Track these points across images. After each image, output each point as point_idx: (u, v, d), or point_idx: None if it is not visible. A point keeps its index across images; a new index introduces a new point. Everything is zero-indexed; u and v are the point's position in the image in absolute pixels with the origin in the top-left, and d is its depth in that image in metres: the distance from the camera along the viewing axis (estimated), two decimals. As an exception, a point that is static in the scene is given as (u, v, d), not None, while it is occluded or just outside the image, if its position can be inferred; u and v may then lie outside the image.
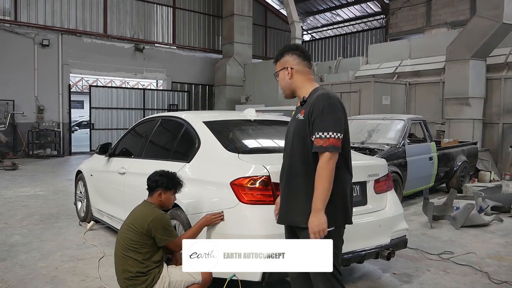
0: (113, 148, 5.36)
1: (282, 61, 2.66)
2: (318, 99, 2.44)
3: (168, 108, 18.74)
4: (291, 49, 2.66)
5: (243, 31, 18.98)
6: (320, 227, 2.34)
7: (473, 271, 4.31)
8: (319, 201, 2.35)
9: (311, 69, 2.68)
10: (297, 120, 2.53)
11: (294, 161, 2.52)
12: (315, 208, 2.36)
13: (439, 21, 18.42)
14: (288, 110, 8.74)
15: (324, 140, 2.35)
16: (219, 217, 3.22)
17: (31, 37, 15.47)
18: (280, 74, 2.67)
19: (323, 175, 2.35)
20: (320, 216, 2.35)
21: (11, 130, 14.88)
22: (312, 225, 2.35)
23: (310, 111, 2.43)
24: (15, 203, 7.37)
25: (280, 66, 2.66)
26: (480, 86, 10.75)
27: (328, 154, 2.35)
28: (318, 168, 2.37)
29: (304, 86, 2.60)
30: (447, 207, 6.32)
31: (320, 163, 2.36)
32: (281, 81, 2.68)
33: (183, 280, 3.13)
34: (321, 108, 2.40)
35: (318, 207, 2.35)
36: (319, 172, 2.36)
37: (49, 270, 4.21)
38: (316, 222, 2.34)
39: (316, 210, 2.35)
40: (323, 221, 2.35)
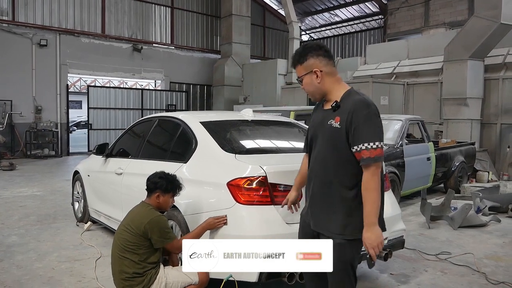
0: (110, 149, 5.34)
1: (305, 65, 2.42)
2: (357, 107, 2.29)
3: (166, 108, 18.71)
4: (314, 50, 2.43)
5: (241, 31, 18.96)
6: (378, 240, 2.27)
7: (470, 271, 4.31)
8: (373, 215, 2.27)
9: (335, 67, 2.51)
10: (330, 127, 2.36)
11: (328, 168, 2.39)
12: (370, 222, 2.27)
13: (437, 22, 18.44)
14: (286, 110, 8.74)
15: (371, 151, 2.24)
16: (222, 221, 3.19)
17: (29, 37, 15.43)
18: (306, 79, 2.44)
19: (374, 188, 2.27)
20: (376, 230, 2.28)
21: (9, 130, 14.85)
22: (369, 240, 2.27)
23: (349, 120, 2.28)
24: (13, 204, 7.35)
25: (305, 70, 2.43)
26: (478, 86, 10.76)
27: (375, 165, 2.26)
28: (366, 180, 2.26)
29: (334, 88, 2.43)
30: (445, 207, 6.32)
31: (368, 175, 2.26)
32: (308, 86, 2.45)
33: (180, 281, 3.12)
34: (364, 115, 2.27)
35: (372, 221, 2.27)
36: (369, 185, 2.26)
37: (46, 271, 4.20)
38: (374, 237, 2.27)
39: (371, 224, 2.27)
40: (380, 235, 2.29)
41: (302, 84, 2.48)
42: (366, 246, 2.29)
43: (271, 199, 3.14)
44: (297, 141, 4.33)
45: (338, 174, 2.36)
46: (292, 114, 8.38)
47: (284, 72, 16.69)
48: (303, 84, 2.47)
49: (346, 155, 2.32)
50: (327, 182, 2.39)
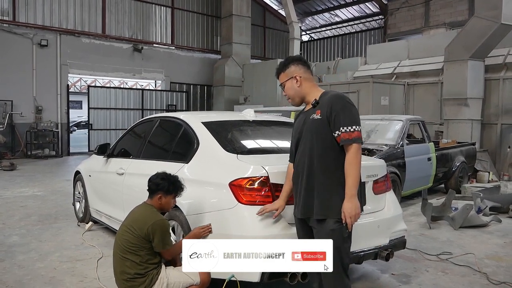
0: (112, 149, 5.34)
1: (287, 72, 2.85)
2: (334, 99, 2.68)
3: (166, 109, 18.71)
4: (294, 60, 2.88)
5: (242, 31, 18.97)
6: (356, 211, 2.57)
7: (471, 271, 4.32)
8: (353, 188, 2.58)
9: (313, 76, 2.94)
10: (313, 120, 2.70)
11: (314, 158, 2.68)
12: (350, 194, 2.57)
13: (437, 22, 18.43)
14: (287, 110, 8.74)
15: (350, 133, 2.59)
16: (207, 230, 3.24)
17: (29, 37, 15.43)
18: (287, 84, 2.85)
19: (354, 163, 2.59)
20: (356, 201, 2.58)
21: (9, 131, 14.85)
22: (349, 209, 2.55)
23: (329, 110, 2.63)
24: (13, 204, 7.36)
25: (286, 76, 2.86)
26: (478, 86, 10.76)
27: (356, 145, 2.60)
28: (348, 158, 2.59)
29: (312, 91, 2.82)
30: (446, 207, 6.33)
31: (350, 154, 2.59)
32: (289, 90, 2.85)
33: (181, 282, 3.12)
34: (341, 105, 2.63)
35: (353, 193, 2.57)
36: (351, 161, 2.59)
37: (47, 271, 4.20)
38: (353, 206, 2.56)
39: (352, 196, 2.57)
40: (358, 206, 2.58)
41: (284, 90, 2.89)
42: (344, 215, 2.57)
43: (273, 199, 3.14)
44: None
45: (323, 160, 2.66)
46: (293, 114, 8.39)
47: (285, 72, 16.65)
48: (285, 89, 2.88)
49: (329, 142, 2.65)
50: (314, 168, 2.68)
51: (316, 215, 2.66)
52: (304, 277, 3.01)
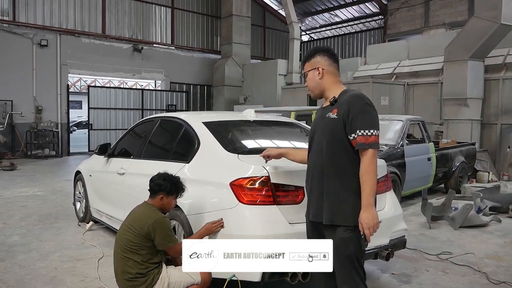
0: (112, 149, 5.35)
1: (312, 61, 2.67)
2: (354, 99, 2.50)
3: (166, 109, 18.72)
4: (322, 50, 2.69)
5: (242, 31, 18.98)
6: (374, 221, 2.40)
7: (471, 271, 4.33)
8: (370, 197, 2.41)
9: (339, 71, 2.72)
10: (328, 118, 2.54)
11: (326, 160, 2.53)
12: (367, 203, 2.41)
13: (437, 22, 18.44)
14: (287, 110, 8.75)
15: (367, 138, 2.41)
16: (219, 225, 3.21)
17: (29, 37, 15.44)
18: (310, 74, 2.68)
19: (371, 171, 2.42)
20: (373, 211, 2.42)
21: (10, 131, 14.85)
22: (366, 220, 2.39)
23: (346, 110, 2.46)
24: (14, 203, 7.36)
25: (310, 66, 2.68)
26: (478, 86, 10.77)
27: (372, 150, 2.42)
28: (364, 164, 2.42)
29: (333, 87, 2.64)
30: (446, 207, 6.33)
31: (366, 160, 2.42)
32: (310, 81, 2.69)
33: (182, 281, 3.13)
34: (360, 107, 2.46)
35: (370, 202, 2.41)
36: (366, 168, 2.41)
37: (48, 271, 4.21)
38: (370, 216, 2.40)
39: (368, 205, 2.41)
40: (376, 216, 2.42)
41: (306, 80, 2.71)
42: (362, 226, 2.40)
43: (273, 199, 3.14)
44: (299, 141, 4.33)
45: (335, 162, 2.50)
46: (293, 114, 8.40)
47: (285, 72, 16.70)
48: (307, 79, 2.70)
49: (343, 143, 2.48)
50: (325, 170, 2.53)
51: (325, 220, 2.52)
52: (305, 277, 3.01)
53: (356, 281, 2.48)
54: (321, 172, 2.55)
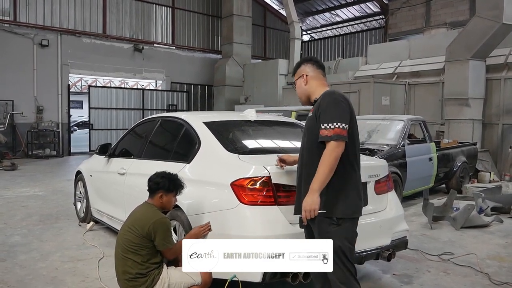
0: (113, 149, 5.34)
1: (298, 71, 2.91)
2: (324, 96, 2.70)
3: (167, 109, 18.72)
4: (305, 60, 2.93)
5: (242, 31, 18.97)
6: (312, 206, 2.51)
7: (473, 272, 4.31)
8: (317, 182, 2.51)
9: (325, 76, 2.92)
10: (308, 118, 2.78)
11: (308, 155, 2.70)
12: (311, 188, 2.53)
13: (438, 22, 18.40)
14: (288, 110, 8.75)
15: (329, 130, 2.52)
16: (206, 229, 3.24)
17: (30, 37, 15.45)
18: (297, 83, 2.90)
19: (326, 160, 2.50)
20: (314, 197, 2.51)
21: (11, 131, 14.85)
22: (305, 203, 2.53)
23: (317, 107, 2.66)
24: (15, 204, 7.36)
25: (297, 75, 2.91)
26: (479, 86, 10.75)
27: (334, 143, 2.50)
28: (323, 154, 2.52)
29: (317, 90, 2.81)
30: (447, 207, 6.32)
31: (326, 151, 2.52)
32: (298, 89, 2.91)
33: (183, 282, 3.12)
34: (326, 102, 2.62)
35: (314, 187, 2.52)
36: (323, 158, 2.51)
37: (49, 271, 4.20)
38: (310, 201, 2.52)
39: (312, 190, 2.52)
40: (316, 202, 2.51)
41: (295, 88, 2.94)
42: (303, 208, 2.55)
43: (274, 199, 3.13)
44: (300, 141, 4.32)
45: (312, 157, 2.64)
46: (294, 114, 8.40)
47: (285, 72, 16.69)
48: (296, 88, 2.93)
49: (317, 139, 2.60)
50: (306, 167, 2.69)
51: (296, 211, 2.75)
52: (306, 277, 3.00)
53: (346, 276, 2.56)
54: (301, 166, 2.76)
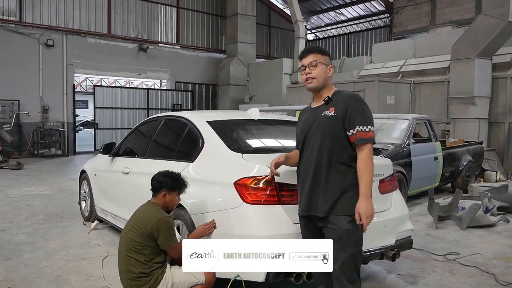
0: (117, 148, 5.35)
1: (327, 58, 2.79)
2: (352, 98, 2.68)
3: (172, 108, 18.76)
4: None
5: (247, 30, 18.96)
6: (371, 211, 2.55)
7: (479, 272, 4.27)
8: (368, 188, 2.56)
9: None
10: (325, 116, 2.68)
11: (324, 154, 2.64)
12: (366, 194, 2.55)
13: (444, 20, 18.31)
14: (292, 109, 8.72)
15: (365, 133, 2.58)
16: (211, 226, 3.23)
17: (35, 37, 15.52)
18: (321, 67, 2.73)
19: (369, 164, 2.58)
20: (370, 202, 2.56)
21: (16, 130, 14.96)
22: (365, 210, 2.53)
23: (345, 108, 2.63)
24: (20, 202, 7.39)
25: (324, 60, 2.75)
26: (485, 85, 10.68)
27: (370, 145, 2.60)
28: (363, 158, 2.58)
29: (328, 87, 2.79)
30: (453, 207, 6.28)
31: (365, 153, 2.59)
32: (319, 72, 2.73)
33: (186, 281, 3.11)
34: (359, 105, 2.65)
35: (368, 193, 2.56)
36: (365, 162, 2.58)
37: (53, 270, 4.21)
38: (369, 207, 2.54)
39: (367, 196, 2.55)
40: (372, 207, 2.56)
41: (311, 68, 2.73)
42: (360, 215, 2.53)
43: (278, 198, 3.12)
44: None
45: (333, 156, 2.63)
46: (298, 113, 8.36)
47: (290, 71, 16.66)
48: (315, 68, 2.72)
49: (341, 139, 2.63)
50: (323, 164, 2.65)
51: (320, 212, 2.63)
52: (310, 277, 2.98)
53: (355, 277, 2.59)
54: (318, 166, 2.66)
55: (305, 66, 2.76)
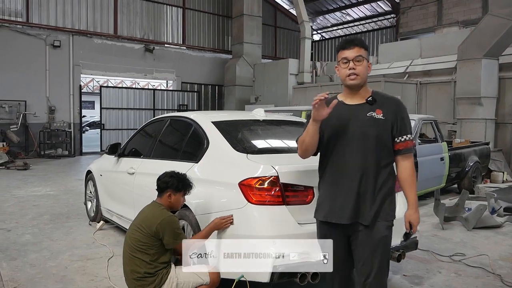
0: (123, 148, 5.37)
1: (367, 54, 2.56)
2: (399, 103, 2.58)
3: (178, 108, 18.80)
4: None
5: (253, 31, 18.97)
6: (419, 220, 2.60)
7: (485, 273, 4.25)
8: (416, 197, 2.59)
9: None
10: (372, 118, 2.47)
11: (372, 160, 2.48)
12: (415, 203, 2.58)
13: (450, 20, 18.23)
14: (298, 110, 8.70)
15: (411, 142, 2.57)
16: (228, 221, 3.19)
17: (42, 38, 15.61)
18: (365, 62, 2.50)
19: (415, 173, 2.59)
20: (418, 212, 2.60)
21: (23, 130, 15.04)
22: (418, 220, 2.58)
23: (394, 113, 2.51)
24: (26, 203, 7.44)
25: (367, 56, 2.55)
26: (492, 85, 10.61)
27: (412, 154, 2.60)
28: (409, 167, 2.58)
29: (366, 85, 2.58)
30: (459, 208, 6.24)
31: (410, 163, 2.59)
32: (363, 69, 2.49)
33: (191, 281, 3.11)
34: (405, 112, 2.57)
35: (417, 201, 2.60)
36: (411, 172, 2.58)
37: (58, 270, 4.23)
38: (417, 217, 2.58)
39: (415, 205, 2.58)
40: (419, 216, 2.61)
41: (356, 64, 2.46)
42: (413, 225, 2.57)
43: (282, 199, 3.11)
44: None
45: (381, 164, 2.51)
46: (304, 114, 8.35)
47: (296, 72, 16.64)
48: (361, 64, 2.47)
49: (388, 145, 2.52)
50: (370, 171, 2.49)
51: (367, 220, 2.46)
52: (315, 278, 2.98)
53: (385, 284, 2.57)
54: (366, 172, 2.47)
55: (348, 59, 2.48)
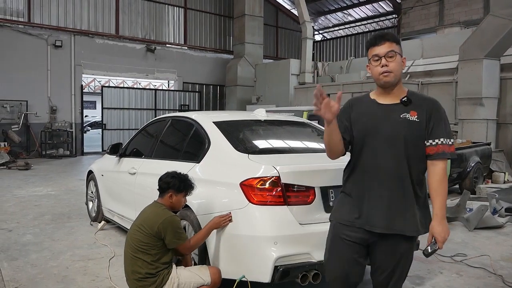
0: (124, 148, 5.37)
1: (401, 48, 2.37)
2: (436, 104, 2.34)
3: (179, 109, 18.81)
4: None
5: (254, 31, 18.97)
6: (447, 234, 2.29)
7: (486, 273, 4.24)
8: (444, 209, 2.31)
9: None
10: (406, 120, 2.29)
11: (406, 166, 2.29)
12: (442, 215, 2.29)
13: (452, 20, 18.21)
14: (299, 110, 8.71)
15: (448, 147, 2.28)
16: (227, 219, 3.20)
17: (44, 38, 15.64)
18: (398, 58, 2.32)
19: (445, 181, 2.31)
20: (446, 224, 2.31)
21: (25, 130, 15.08)
22: (442, 234, 2.27)
23: (428, 114, 2.29)
24: (28, 203, 7.44)
25: (400, 51, 2.35)
26: (493, 86, 10.60)
27: (447, 161, 2.33)
28: (439, 174, 2.28)
29: (401, 83, 2.39)
30: (460, 208, 6.23)
31: (441, 169, 2.29)
32: (396, 64, 2.30)
33: (192, 282, 3.12)
34: (442, 113, 2.33)
35: (444, 214, 2.31)
36: (442, 179, 2.29)
37: (60, 270, 4.23)
38: (445, 229, 2.29)
39: (443, 217, 2.30)
40: (448, 229, 2.31)
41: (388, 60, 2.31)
42: (437, 240, 2.27)
43: (284, 199, 3.11)
44: (310, 141, 4.31)
45: (416, 170, 2.31)
46: (305, 114, 8.36)
47: (297, 72, 16.64)
48: (393, 60, 2.30)
49: (422, 149, 2.30)
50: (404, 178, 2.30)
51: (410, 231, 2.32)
52: (316, 278, 2.98)
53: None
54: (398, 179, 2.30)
55: (379, 56, 2.32)
